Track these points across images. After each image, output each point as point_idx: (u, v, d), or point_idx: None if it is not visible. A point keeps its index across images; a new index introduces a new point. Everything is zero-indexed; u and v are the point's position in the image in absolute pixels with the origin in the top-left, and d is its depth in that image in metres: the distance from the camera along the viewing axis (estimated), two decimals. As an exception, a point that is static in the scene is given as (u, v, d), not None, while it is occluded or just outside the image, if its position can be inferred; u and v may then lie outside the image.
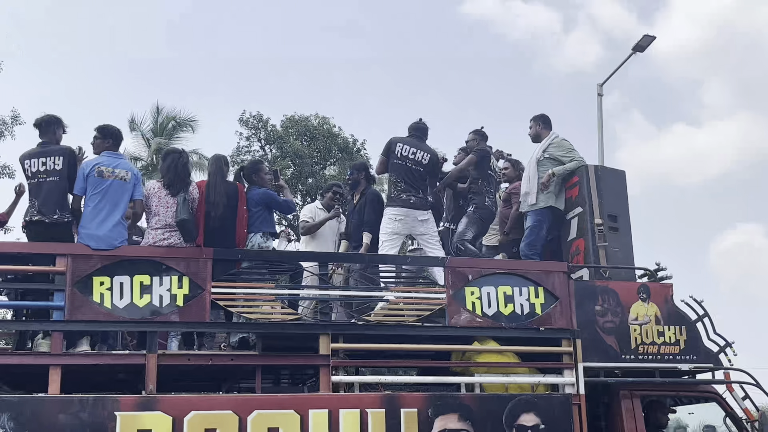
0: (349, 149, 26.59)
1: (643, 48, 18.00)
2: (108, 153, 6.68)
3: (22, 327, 6.39)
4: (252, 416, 5.99)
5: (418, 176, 8.05)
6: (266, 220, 7.15)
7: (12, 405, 5.61)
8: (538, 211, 7.99)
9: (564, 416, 6.65)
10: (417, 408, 6.31)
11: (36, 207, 6.39)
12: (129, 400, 5.89)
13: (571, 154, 8.10)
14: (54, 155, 6.55)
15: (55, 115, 6.81)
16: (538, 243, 7.99)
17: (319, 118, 27.17)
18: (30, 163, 6.51)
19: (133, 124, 26.37)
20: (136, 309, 6.14)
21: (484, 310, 6.86)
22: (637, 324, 7.17)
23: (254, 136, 26.73)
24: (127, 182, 6.53)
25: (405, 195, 7.88)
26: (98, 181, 6.44)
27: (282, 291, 6.57)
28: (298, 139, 26.17)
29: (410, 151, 8.04)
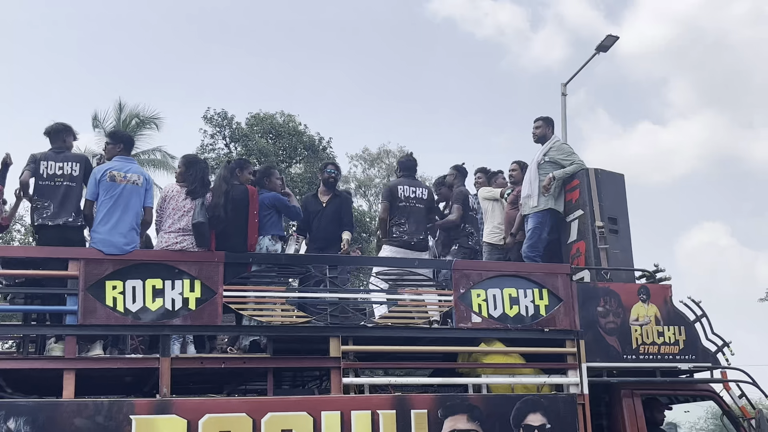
0: (315, 147, 26.31)
1: (606, 48, 18.01)
2: (119, 157, 6.69)
3: (36, 331, 6.34)
4: (265, 418, 6.02)
5: (420, 215, 8.17)
6: (275, 224, 7.19)
7: (28, 409, 5.59)
8: (539, 213, 8.10)
9: (569, 416, 6.75)
10: (427, 409, 6.37)
11: (51, 210, 6.36)
12: (144, 403, 5.89)
13: (571, 158, 8.20)
14: (72, 161, 6.57)
15: (65, 123, 6.83)
16: (539, 245, 8.09)
17: (284, 116, 26.91)
18: (47, 165, 6.50)
19: (95, 121, 25.84)
20: (149, 313, 6.14)
21: (490, 311, 6.95)
22: (637, 324, 7.29)
23: (219, 134, 26.33)
24: (139, 186, 6.54)
25: (407, 236, 7.98)
26: (110, 186, 6.43)
27: (292, 294, 6.59)
28: (264, 137, 25.83)
29: (410, 191, 8.16)
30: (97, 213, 6.38)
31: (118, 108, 25.88)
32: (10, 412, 5.54)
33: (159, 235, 6.70)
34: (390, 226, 8.08)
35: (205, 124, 26.24)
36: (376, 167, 35.65)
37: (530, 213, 8.17)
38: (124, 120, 25.82)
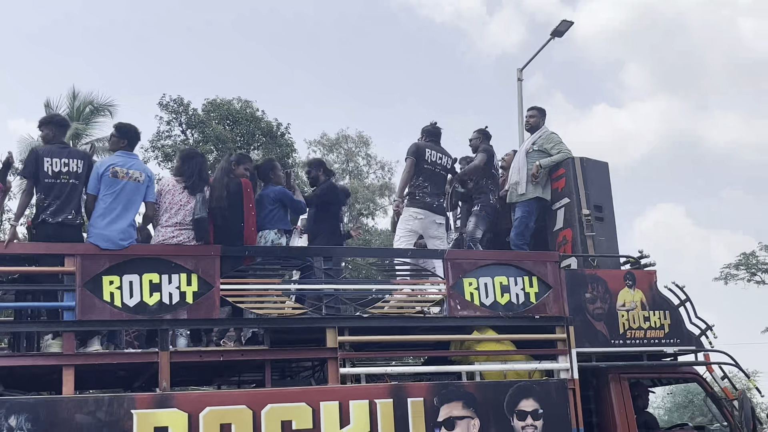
0: (273, 133, 25.76)
1: (561, 33, 17.94)
2: (122, 153, 6.60)
3: (35, 328, 6.27)
4: (265, 410, 6.03)
5: (442, 181, 8.27)
6: (282, 218, 7.19)
7: (28, 406, 5.53)
8: (527, 202, 8.18)
9: (561, 400, 6.85)
10: (423, 397, 6.43)
11: (54, 207, 6.27)
12: (145, 397, 5.86)
13: (558, 147, 8.29)
14: (76, 158, 6.45)
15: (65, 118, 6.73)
16: (527, 233, 8.19)
17: (241, 102, 26.30)
18: (51, 162, 6.35)
19: (48, 109, 24.84)
20: (147, 307, 6.11)
21: (482, 300, 7.02)
22: (624, 310, 7.41)
23: (175, 121, 25.54)
24: (140, 184, 6.46)
25: (429, 199, 8.05)
26: (112, 182, 6.35)
27: (289, 286, 6.60)
28: (221, 123, 25.22)
29: (438, 156, 8.20)
30: (97, 207, 6.30)
31: (71, 95, 25.27)
32: (10, 409, 5.48)
33: (156, 229, 6.65)
34: (412, 187, 8.13)
35: (161, 110, 25.56)
36: (335, 152, 35.15)
37: (517, 201, 8.24)
38: (78, 107, 25.14)
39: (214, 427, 5.87)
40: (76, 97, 25.35)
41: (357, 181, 33.04)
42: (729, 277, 31.48)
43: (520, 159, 8.40)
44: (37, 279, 6.31)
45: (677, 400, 31.51)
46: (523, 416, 6.68)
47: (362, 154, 35.44)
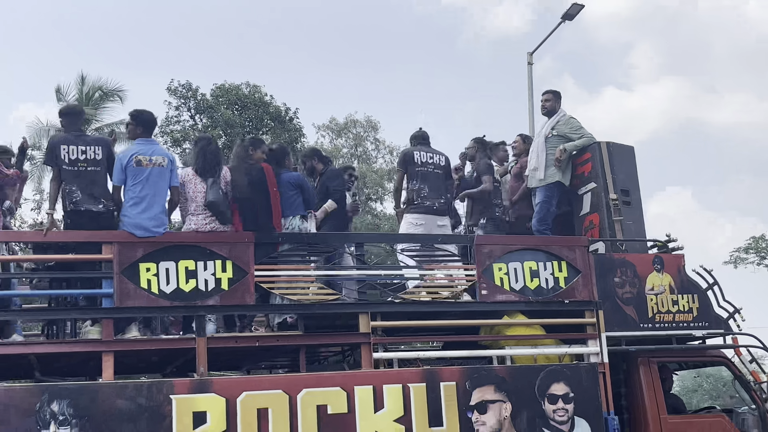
0: (282, 118, 25.54)
1: (572, 16, 17.69)
2: (142, 140, 6.61)
3: (75, 315, 6.30)
4: (301, 395, 6.07)
5: (439, 180, 8.07)
6: (301, 204, 7.16)
7: (70, 392, 5.59)
8: (547, 186, 8.11)
9: (591, 384, 6.86)
10: (455, 381, 6.46)
11: (78, 195, 6.31)
12: (183, 383, 5.91)
13: (580, 132, 8.22)
14: (93, 145, 6.46)
15: (80, 106, 6.74)
16: (548, 218, 8.14)
17: (250, 87, 25.99)
18: (68, 150, 6.37)
19: (59, 94, 25.07)
20: (183, 294, 6.15)
21: (512, 285, 7.03)
22: (653, 294, 7.41)
23: (183, 106, 25.34)
24: (164, 168, 6.47)
25: (429, 202, 7.87)
26: (137, 171, 6.36)
27: (321, 272, 6.62)
28: (229, 108, 24.91)
29: (428, 156, 8.06)
30: (126, 197, 6.32)
31: (80, 80, 25.21)
32: (53, 395, 5.53)
33: (186, 218, 6.68)
34: (409, 193, 8.04)
35: (170, 95, 25.35)
36: (343, 137, 34.84)
37: (537, 186, 8.21)
38: (87, 92, 25.07)
39: (251, 411, 5.92)
40: (85, 82, 25.30)
41: (365, 166, 32.85)
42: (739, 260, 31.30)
43: (539, 144, 8.30)
44: (73, 267, 6.37)
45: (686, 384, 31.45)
46: (554, 400, 6.70)
47: (371, 138, 35.13)
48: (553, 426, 6.64)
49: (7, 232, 6.80)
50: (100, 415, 5.60)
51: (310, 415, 6.04)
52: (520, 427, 6.53)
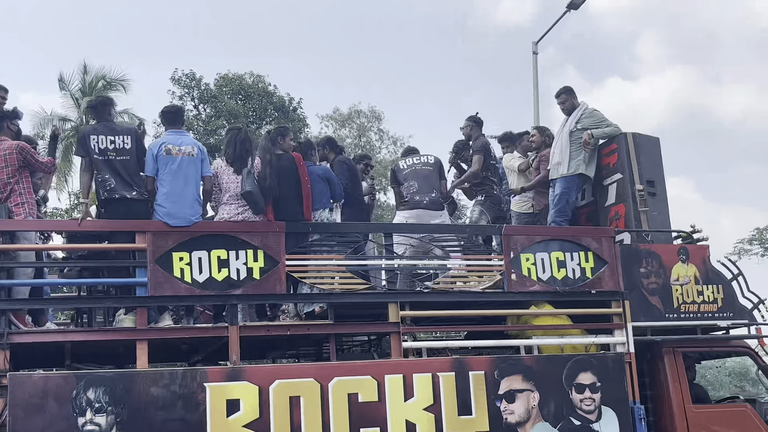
0: (285, 108, 25.59)
1: (577, 6, 17.36)
2: (171, 131, 6.67)
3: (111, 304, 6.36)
4: (332, 383, 6.11)
5: (428, 176, 8.09)
6: (329, 196, 7.19)
7: (106, 380, 5.64)
8: (567, 177, 8.07)
9: (618, 374, 6.89)
10: (484, 370, 6.49)
11: (112, 183, 6.34)
12: (217, 371, 5.96)
13: (604, 123, 8.20)
14: (122, 134, 6.50)
15: (109, 97, 6.78)
16: (567, 210, 8.09)
17: (253, 77, 26.11)
18: (97, 140, 6.40)
19: (62, 83, 25.15)
20: (216, 283, 6.18)
21: (539, 275, 7.05)
22: (678, 284, 7.42)
23: (187, 95, 25.51)
24: (194, 158, 6.50)
25: (418, 197, 7.91)
26: (167, 160, 6.40)
27: (351, 262, 6.64)
28: (233, 98, 25.07)
29: (414, 158, 8.17)
30: (159, 187, 6.35)
31: (83, 69, 25.15)
32: (89, 382, 5.58)
33: (219, 207, 6.71)
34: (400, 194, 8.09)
35: (173, 85, 25.49)
36: (347, 127, 34.40)
37: (558, 177, 8.20)
38: (90, 82, 25.01)
39: (283, 399, 5.97)
40: (88, 71, 25.20)
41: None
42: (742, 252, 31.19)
43: (563, 139, 8.23)
44: (105, 255, 6.41)
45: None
46: (581, 389, 6.73)
47: (375, 129, 34.73)
48: (580, 415, 6.67)
49: (42, 221, 6.85)
50: (136, 403, 5.65)
51: (341, 403, 6.09)
52: (548, 416, 6.57)
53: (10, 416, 5.39)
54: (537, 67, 18.77)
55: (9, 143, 6.40)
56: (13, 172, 6.30)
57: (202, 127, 24.19)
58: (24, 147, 6.40)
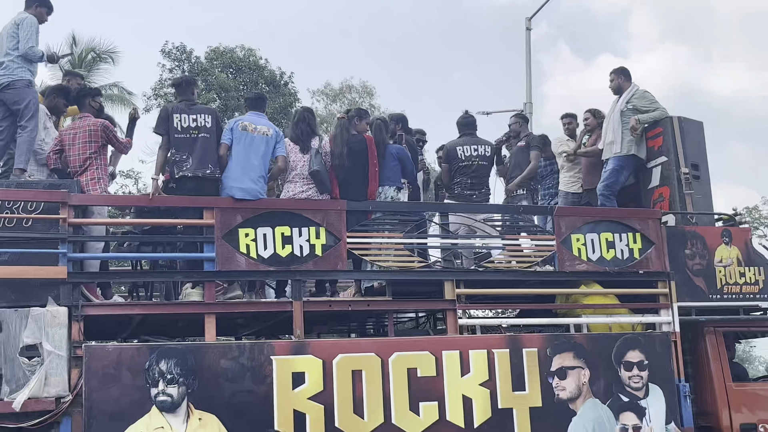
0: (276, 82, 25.17)
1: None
2: (251, 113, 6.80)
3: (179, 278, 6.39)
4: (392, 358, 6.20)
5: (484, 171, 8.15)
6: (399, 175, 7.25)
7: (178, 352, 5.72)
8: (621, 157, 8.13)
9: (664, 352, 6.98)
10: (537, 347, 6.58)
11: (189, 163, 6.40)
12: (283, 345, 6.05)
13: (653, 105, 8.23)
14: (204, 113, 6.57)
15: (193, 76, 6.84)
16: (615, 186, 8.15)
17: (245, 50, 25.67)
18: (180, 118, 6.48)
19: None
20: (280, 259, 6.26)
21: (589, 255, 7.12)
22: (721, 266, 7.50)
23: (177, 68, 24.76)
24: (269, 137, 6.58)
25: (468, 192, 7.97)
26: (242, 135, 6.50)
27: (410, 240, 6.71)
28: (224, 72, 24.60)
29: (473, 149, 8.09)
30: (230, 160, 6.44)
31: (72, 42, 24.31)
32: (161, 354, 5.66)
33: (285, 185, 6.78)
34: (452, 184, 8.12)
35: (163, 58, 24.94)
36: (338, 102, 33.69)
37: (611, 157, 8.26)
38: (80, 54, 24.38)
39: (346, 373, 6.05)
40: (77, 43, 24.73)
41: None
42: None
43: (614, 119, 8.29)
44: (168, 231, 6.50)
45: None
46: (629, 367, 6.83)
47: (366, 104, 33.46)
48: (628, 392, 6.77)
49: (116, 197, 6.93)
50: (206, 375, 5.73)
51: (401, 377, 6.17)
52: (598, 392, 6.66)
53: (86, 386, 5.47)
54: (530, 43, 18.77)
55: (94, 120, 6.51)
56: (96, 148, 6.42)
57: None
58: (108, 125, 6.54)
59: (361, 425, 6.01)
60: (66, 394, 5.45)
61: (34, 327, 5.49)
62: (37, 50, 6.81)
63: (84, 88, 7.04)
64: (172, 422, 5.61)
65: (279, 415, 5.82)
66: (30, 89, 6.67)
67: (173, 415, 5.62)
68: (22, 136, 6.44)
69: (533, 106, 18.80)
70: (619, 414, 6.70)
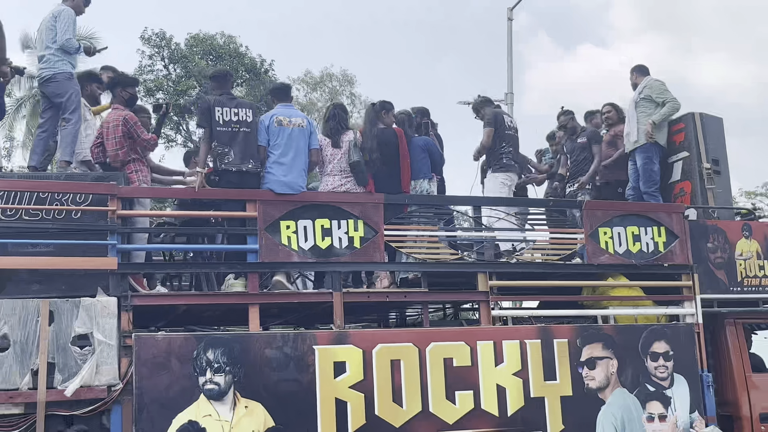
0: (257, 70, 25.20)
1: None
2: (282, 105, 6.79)
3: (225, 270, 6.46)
4: (429, 348, 6.28)
5: (517, 142, 8.26)
6: (429, 167, 7.32)
7: (224, 341, 5.79)
8: (645, 147, 8.19)
9: (688, 343, 7.11)
10: (567, 338, 6.69)
11: (231, 155, 6.45)
12: (325, 334, 6.12)
13: (663, 95, 8.25)
14: (245, 107, 6.58)
15: (229, 70, 6.88)
16: (655, 178, 8.18)
17: (225, 37, 25.58)
18: (222, 112, 6.49)
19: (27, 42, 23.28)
20: (320, 250, 6.33)
21: (616, 248, 7.24)
22: (742, 259, 7.63)
23: (157, 55, 24.85)
24: (304, 129, 6.63)
25: (513, 162, 8.05)
26: (279, 130, 6.53)
27: (444, 233, 6.80)
28: (204, 59, 24.48)
29: (511, 120, 8.23)
30: (270, 156, 6.47)
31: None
32: (208, 344, 5.73)
33: (323, 178, 6.85)
34: (495, 154, 8.07)
35: (143, 44, 24.77)
36: (318, 91, 33.44)
37: (634, 149, 8.34)
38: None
39: (385, 362, 6.13)
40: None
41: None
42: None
43: (630, 111, 8.45)
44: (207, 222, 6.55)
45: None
46: (655, 357, 6.95)
47: (347, 92, 33.64)
48: (655, 382, 6.90)
49: (162, 189, 6.97)
50: (251, 363, 5.80)
51: (437, 366, 6.26)
52: (625, 382, 6.79)
53: (136, 374, 5.54)
54: (512, 32, 18.82)
55: (116, 114, 6.47)
56: (120, 143, 6.40)
57: (172, 88, 23.68)
58: (129, 119, 6.47)
59: (400, 413, 6.10)
60: (116, 383, 5.50)
61: (85, 317, 5.54)
62: (74, 42, 6.81)
63: (114, 78, 7.02)
64: (219, 410, 5.68)
65: (321, 403, 5.90)
66: (71, 82, 6.68)
67: (220, 402, 5.69)
68: (66, 128, 6.47)
69: (514, 96, 18.92)
70: (646, 403, 6.83)
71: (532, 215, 7.27)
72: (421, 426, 6.12)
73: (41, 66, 6.71)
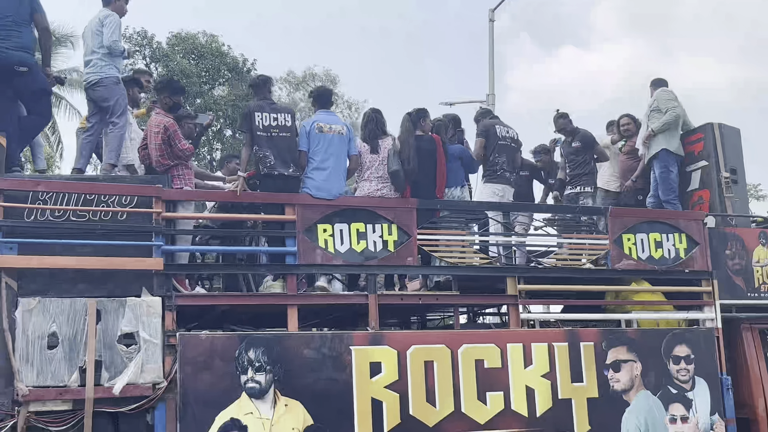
0: (239, 69, 25.08)
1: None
2: (322, 111, 6.91)
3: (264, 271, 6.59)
4: (461, 349, 6.39)
5: (517, 154, 8.32)
6: (462, 174, 7.45)
7: (265, 341, 5.88)
8: (660, 156, 8.37)
9: (709, 347, 7.24)
10: (593, 342, 6.81)
11: (272, 160, 6.56)
12: (361, 336, 6.22)
13: (666, 104, 8.44)
14: (284, 112, 6.70)
15: (269, 76, 6.98)
16: (673, 185, 8.37)
17: (207, 36, 25.45)
18: (262, 117, 6.60)
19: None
20: (355, 254, 6.44)
21: (639, 254, 7.38)
22: (759, 266, 7.79)
23: (138, 53, 24.54)
24: (344, 136, 6.75)
25: (507, 174, 8.09)
26: (319, 137, 6.64)
27: (475, 238, 6.92)
28: (185, 58, 24.41)
29: (507, 130, 8.23)
30: (310, 161, 6.59)
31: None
32: (250, 343, 5.83)
33: (360, 183, 6.97)
34: (490, 164, 8.12)
35: (124, 43, 24.06)
36: (301, 91, 33.13)
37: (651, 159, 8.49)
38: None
39: (419, 363, 6.23)
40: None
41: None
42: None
43: (644, 122, 8.68)
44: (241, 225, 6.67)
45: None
46: (677, 360, 7.09)
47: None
48: (677, 384, 7.03)
49: (205, 192, 7.08)
50: (291, 363, 5.89)
51: (469, 368, 6.36)
52: (649, 385, 6.91)
53: (180, 373, 5.63)
54: (493, 34, 18.80)
55: (158, 120, 6.55)
56: (160, 149, 6.48)
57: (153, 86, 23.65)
58: (169, 127, 6.51)
59: (433, 413, 6.20)
60: (161, 381, 5.59)
61: (131, 316, 5.64)
62: (120, 45, 6.92)
63: (162, 82, 7.11)
64: (260, 408, 5.77)
65: (358, 403, 5.99)
66: (118, 86, 6.79)
67: (261, 401, 5.79)
68: (113, 132, 6.57)
69: (495, 97, 18.97)
70: (668, 405, 6.96)
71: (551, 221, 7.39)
72: (453, 425, 6.23)
73: (87, 70, 6.81)
